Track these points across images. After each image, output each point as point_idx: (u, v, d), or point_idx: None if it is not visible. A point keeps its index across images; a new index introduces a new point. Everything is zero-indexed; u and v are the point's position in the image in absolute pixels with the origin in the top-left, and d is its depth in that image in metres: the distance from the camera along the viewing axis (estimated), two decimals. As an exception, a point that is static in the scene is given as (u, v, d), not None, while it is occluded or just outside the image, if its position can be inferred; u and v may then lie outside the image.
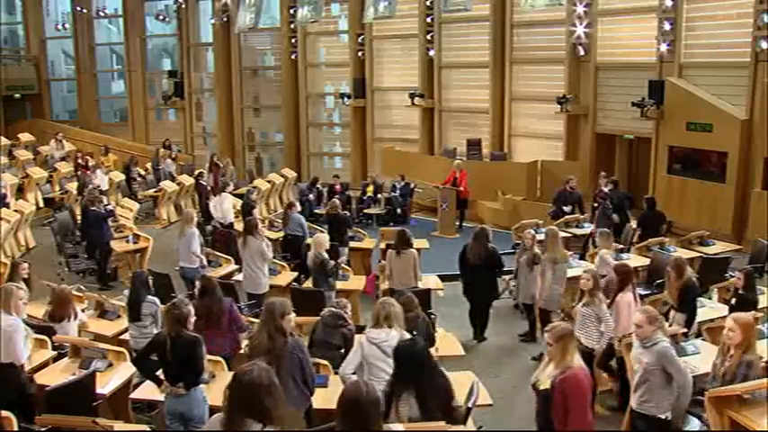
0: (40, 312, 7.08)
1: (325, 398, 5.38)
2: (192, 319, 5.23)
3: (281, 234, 11.38)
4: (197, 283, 6.81)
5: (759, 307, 7.55)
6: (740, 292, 7.18)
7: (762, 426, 4.83)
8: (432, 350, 6.18)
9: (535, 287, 8.39)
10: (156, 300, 6.85)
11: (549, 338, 4.55)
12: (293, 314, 5.34)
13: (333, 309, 6.32)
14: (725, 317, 7.09)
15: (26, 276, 7.83)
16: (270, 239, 10.88)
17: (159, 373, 5.27)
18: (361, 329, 7.58)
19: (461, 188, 14.34)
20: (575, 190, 12.76)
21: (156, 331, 6.61)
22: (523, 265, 8.72)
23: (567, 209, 12.58)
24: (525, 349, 8.51)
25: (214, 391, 5.32)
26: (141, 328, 6.77)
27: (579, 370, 4.42)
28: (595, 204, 12.42)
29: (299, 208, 11.55)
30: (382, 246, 10.19)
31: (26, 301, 6.35)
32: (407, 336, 5.33)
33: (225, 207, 12.37)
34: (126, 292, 7.30)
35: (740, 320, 5.02)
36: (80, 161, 16.84)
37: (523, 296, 8.83)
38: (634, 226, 11.34)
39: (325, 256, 8.60)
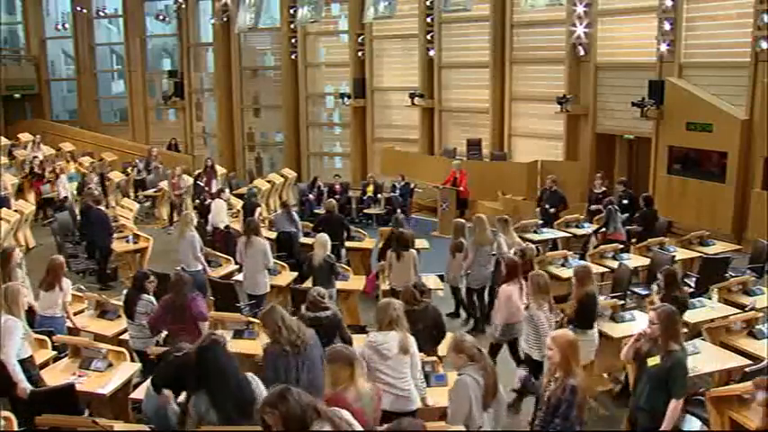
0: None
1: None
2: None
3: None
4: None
5: (759, 307, 7.59)
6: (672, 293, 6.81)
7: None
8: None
9: (458, 271, 9.10)
10: (152, 299, 6.84)
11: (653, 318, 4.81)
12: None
13: (312, 308, 5.95)
14: (726, 317, 7.14)
15: (19, 262, 7.89)
16: (269, 239, 10.93)
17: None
18: (362, 330, 7.60)
19: (461, 188, 14.34)
20: (556, 189, 12.75)
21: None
22: (449, 252, 9.32)
23: (551, 210, 12.60)
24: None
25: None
26: (142, 328, 6.78)
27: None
28: (592, 207, 12.43)
29: (291, 207, 11.94)
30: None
31: (27, 287, 6.86)
32: (410, 337, 5.25)
33: (222, 216, 12.34)
34: (126, 291, 7.31)
35: (557, 339, 4.48)
36: (37, 170, 15.22)
37: (448, 279, 9.49)
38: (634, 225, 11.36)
39: (333, 257, 8.63)
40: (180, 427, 4.63)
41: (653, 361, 4.72)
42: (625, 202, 12.01)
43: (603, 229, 11.10)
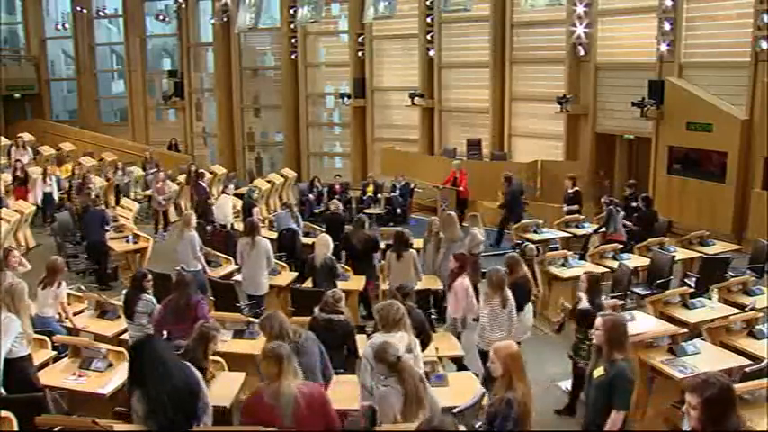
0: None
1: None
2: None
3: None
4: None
5: (759, 307, 7.59)
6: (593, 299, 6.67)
7: (762, 426, 4.83)
8: (432, 349, 6.26)
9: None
10: (152, 299, 6.84)
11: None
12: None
13: (326, 308, 6.04)
14: (726, 317, 7.14)
15: (17, 264, 7.88)
16: (270, 239, 10.92)
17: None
18: (361, 329, 7.60)
19: (461, 188, 14.33)
20: (512, 189, 13.02)
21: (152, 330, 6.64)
22: (430, 251, 9.43)
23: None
24: (527, 344, 8.49)
25: (214, 391, 5.33)
26: (142, 327, 6.78)
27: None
28: (565, 208, 12.69)
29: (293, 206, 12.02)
30: (382, 246, 10.18)
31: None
32: (414, 339, 5.21)
33: (226, 211, 12.39)
34: (125, 291, 7.32)
35: (498, 351, 4.35)
36: (19, 174, 14.48)
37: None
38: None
39: (334, 258, 8.63)
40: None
41: (597, 372, 4.49)
42: (633, 204, 11.96)
43: (603, 230, 11.11)
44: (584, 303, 6.45)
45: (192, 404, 4.32)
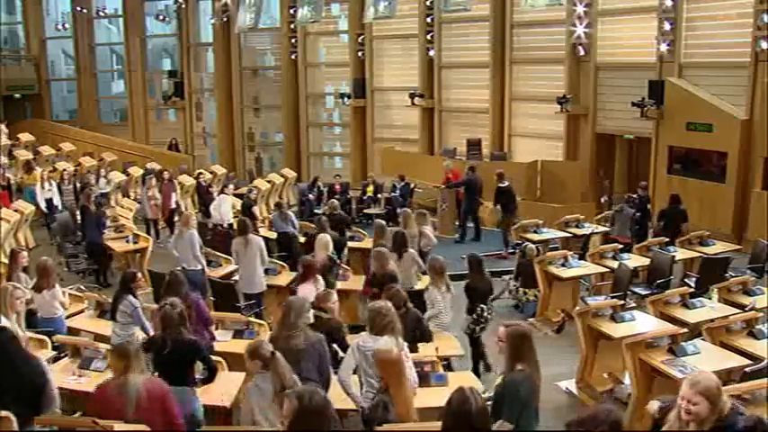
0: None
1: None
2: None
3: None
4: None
5: (759, 307, 7.58)
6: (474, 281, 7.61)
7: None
8: (431, 348, 6.26)
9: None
10: (135, 301, 6.79)
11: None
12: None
13: (314, 305, 5.92)
14: (726, 317, 7.14)
15: (26, 265, 7.91)
16: (269, 239, 10.93)
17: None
18: (361, 329, 7.58)
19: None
20: (503, 185, 12.87)
21: (136, 330, 6.61)
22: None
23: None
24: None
25: (214, 390, 5.32)
26: (123, 326, 6.74)
27: None
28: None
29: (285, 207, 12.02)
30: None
31: (28, 290, 6.81)
32: (403, 343, 5.15)
33: (224, 209, 12.37)
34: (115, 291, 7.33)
35: (377, 356, 4.35)
36: (0, 181, 14.06)
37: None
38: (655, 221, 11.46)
39: (335, 257, 8.64)
40: None
41: (497, 381, 4.41)
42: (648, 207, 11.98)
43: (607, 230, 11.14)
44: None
45: (37, 399, 4.46)
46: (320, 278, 7.39)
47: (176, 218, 12.45)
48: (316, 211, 15.14)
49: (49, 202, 13.81)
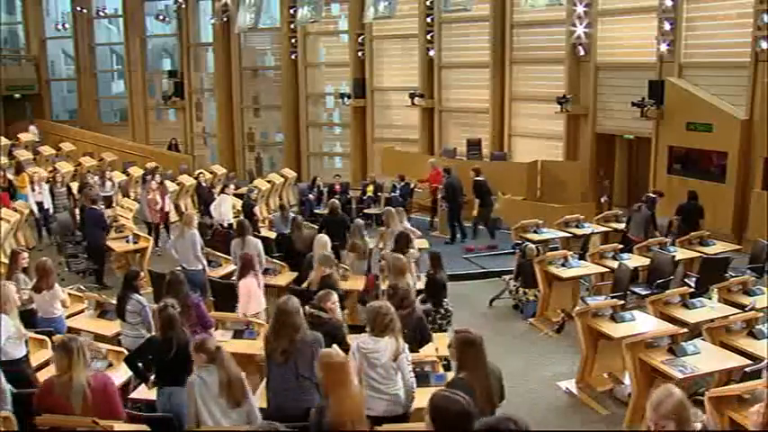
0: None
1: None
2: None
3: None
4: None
5: (759, 307, 7.59)
6: (430, 272, 7.84)
7: (762, 426, 4.82)
8: (431, 348, 6.25)
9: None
10: (142, 299, 6.82)
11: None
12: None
13: (315, 304, 5.98)
14: (726, 317, 7.14)
15: (26, 266, 7.91)
16: (269, 239, 10.93)
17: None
18: (361, 329, 7.57)
19: (435, 184, 14.50)
20: (479, 179, 13.22)
21: (144, 330, 6.63)
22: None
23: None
24: (527, 344, 8.51)
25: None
26: (133, 326, 6.76)
27: None
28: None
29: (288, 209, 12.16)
30: (381, 246, 10.20)
31: (27, 290, 6.95)
32: (403, 344, 5.13)
33: (224, 209, 12.39)
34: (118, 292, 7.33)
35: (321, 358, 4.30)
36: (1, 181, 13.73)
37: None
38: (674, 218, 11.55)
39: (333, 256, 8.62)
40: None
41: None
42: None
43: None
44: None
45: None
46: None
47: (171, 220, 12.45)
48: (315, 210, 15.16)
49: (39, 205, 13.32)
